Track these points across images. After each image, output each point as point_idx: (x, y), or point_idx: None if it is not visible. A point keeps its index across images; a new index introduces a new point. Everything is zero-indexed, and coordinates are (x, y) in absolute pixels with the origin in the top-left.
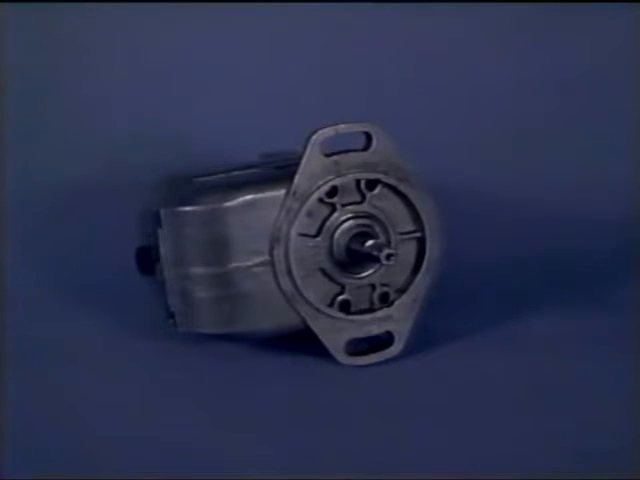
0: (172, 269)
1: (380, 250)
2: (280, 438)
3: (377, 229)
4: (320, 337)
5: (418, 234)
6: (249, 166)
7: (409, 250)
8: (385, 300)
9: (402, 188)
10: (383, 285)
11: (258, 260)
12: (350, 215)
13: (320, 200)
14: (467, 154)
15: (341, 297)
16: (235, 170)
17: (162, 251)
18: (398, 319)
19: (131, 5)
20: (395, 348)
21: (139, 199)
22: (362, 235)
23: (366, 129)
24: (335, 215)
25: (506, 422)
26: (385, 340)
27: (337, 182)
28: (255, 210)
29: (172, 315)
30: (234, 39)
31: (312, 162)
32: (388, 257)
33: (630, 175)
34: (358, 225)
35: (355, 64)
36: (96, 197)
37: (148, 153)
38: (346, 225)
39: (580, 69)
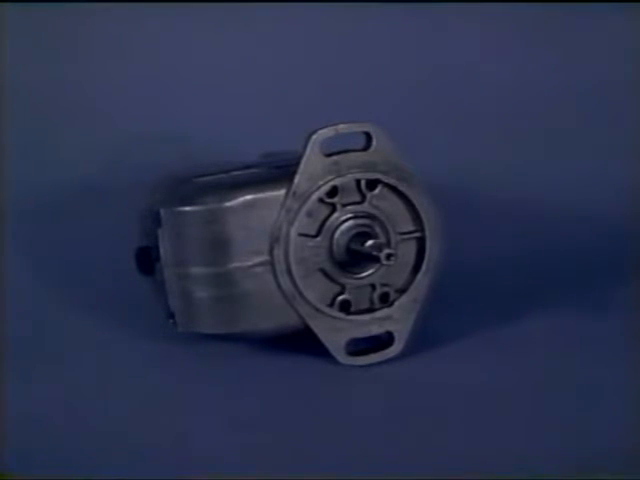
0: (172, 269)
1: (380, 250)
2: (280, 438)
3: (377, 229)
4: (320, 337)
5: (418, 234)
6: (249, 166)
7: (409, 250)
8: (385, 300)
9: (402, 188)
10: (383, 285)
11: (258, 260)
12: (350, 215)
13: (320, 200)
14: (467, 154)
15: (341, 297)
16: (235, 170)
17: (162, 251)
18: (398, 319)
19: (132, 5)
20: (395, 348)
21: (139, 199)
22: (362, 235)
23: (366, 129)
24: (335, 215)
25: (506, 422)
26: (385, 340)
27: (337, 182)
28: (255, 210)
29: (172, 315)
30: (234, 39)
31: (312, 162)
32: (388, 257)
33: (630, 175)
34: (358, 225)
35: (355, 64)
36: (96, 197)
37: (148, 153)
38: (346, 225)
39: (580, 69)
